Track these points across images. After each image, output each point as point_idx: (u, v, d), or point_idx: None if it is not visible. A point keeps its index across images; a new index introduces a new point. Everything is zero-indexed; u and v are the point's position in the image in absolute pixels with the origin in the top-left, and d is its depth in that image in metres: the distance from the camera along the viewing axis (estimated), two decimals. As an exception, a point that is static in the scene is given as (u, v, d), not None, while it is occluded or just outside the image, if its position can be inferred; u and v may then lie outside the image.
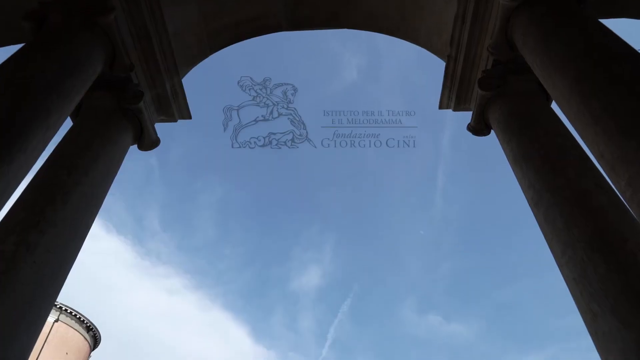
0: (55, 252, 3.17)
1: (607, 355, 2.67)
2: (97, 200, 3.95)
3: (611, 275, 2.80)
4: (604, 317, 2.73)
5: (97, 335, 53.16)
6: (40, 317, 2.89)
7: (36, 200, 3.60)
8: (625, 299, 2.70)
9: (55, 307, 47.25)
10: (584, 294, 2.88)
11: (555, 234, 3.24)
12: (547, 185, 3.47)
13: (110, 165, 4.44)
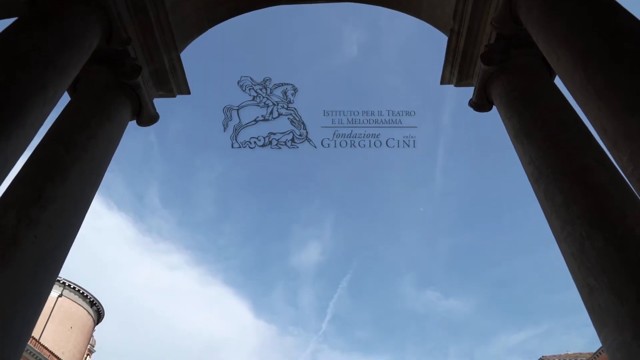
0: (57, 227, 3.18)
1: (603, 328, 2.71)
2: (96, 176, 3.95)
3: (609, 250, 2.81)
4: (600, 291, 2.76)
5: (100, 309, 54.03)
6: (43, 290, 2.93)
7: (35, 176, 3.60)
8: (622, 273, 2.72)
9: (59, 283, 47.85)
10: (581, 268, 2.91)
11: (555, 210, 3.24)
12: (548, 161, 3.45)
13: (109, 141, 4.41)
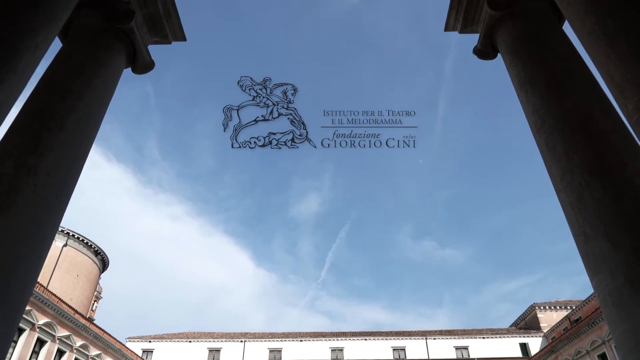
0: (56, 175, 3.18)
1: (596, 274, 2.77)
2: (93, 124, 3.90)
3: (606, 199, 2.83)
4: (596, 239, 2.80)
5: (105, 258, 55.37)
6: (46, 237, 2.96)
7: (32, 124, 3.55)
8: (618, 222, 2.75)
9: (63, 233, 48.70)
10: (578, 217, 2.94)
11: (555, 160, 3.23)
12: (551, 110, 3.39)
13: (104, 89, 4.31)
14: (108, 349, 36.20)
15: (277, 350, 52.25)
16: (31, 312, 26.98)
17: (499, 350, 49.95)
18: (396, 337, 52.91)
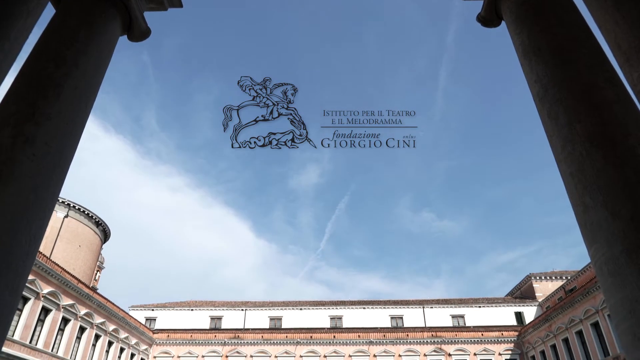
0: (54, 144, 3.16)
1: (593, 243, 2.80)
2: (90, 92, 3.84)
3: (607, 169, 2.82)
4: (595, 209, 2.81)
5: (106, 229, 55.85)
6: (46, 206, 2.96)
7: (27, 93, 3.50)
8: (618, 192, 2.75)
9: (64, 204, 48.95)
10: (578, 187, 2.94)
11: (557, 129, 3.20)
12: (555, 79, 3.33)
13: (100, 56, 4.22)
14: (112, 317, 36.98)
15: (277, 318, 53.39)
16: (35, 282, 27.43)
17: (495, 319, 51.06)
18: (394, 306, 53.99)
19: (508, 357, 42.94)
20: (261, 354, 43.42)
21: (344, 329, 47.80)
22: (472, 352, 43.03)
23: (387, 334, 44.70)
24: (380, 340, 43.70)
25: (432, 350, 43.14)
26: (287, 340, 43.92)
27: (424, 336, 43.92)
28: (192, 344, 44.34)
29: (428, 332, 44.57)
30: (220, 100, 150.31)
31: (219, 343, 44.18)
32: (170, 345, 44.57)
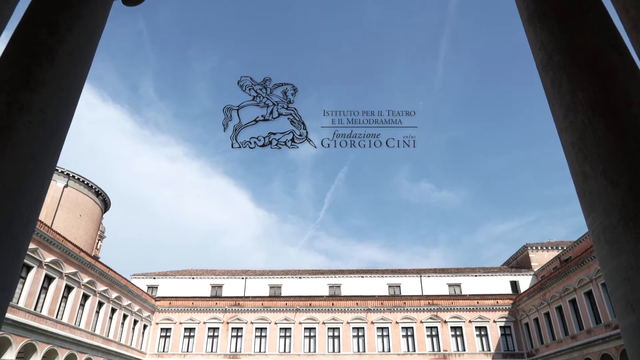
0: (50, 112, 3.12)
1: (591, 212, 2.81)
2: (85, 58, 3.76)
3: (608, 138, 2.80)
4: (594, 177, 2.80)
5: (106, 199, 56.09)
6: (45, 174, 2.95)
7: (20, 58, 3.43)
8: (618, 161, 2.74)
9: (63, 174, 48.97)
10: (578, 156, 2.93)
11: (560, 98, 3.16)
12: (560, 45, 3.26)
13: (95, 21, 4.11)
14: (114, 285, 37.63)
15: (276, 286, 54.36)
16: (37, 250, 27.76)
17: (490, 288, 52.05)
18: (392, 275, 54.92)
19: (502, 324, 44.03)
20: (261, 320, 44.46)
21: (342, 297, 48.77)
22: (467, 320, 44.08)
23: (385, 301, 45.65)
24: (378, 307, 44.68)
25: (429, 318, 44.18)
26: (286, 308, 44.89)
27: (420, 304, 44.87)
28: (193, 311, 45.33)
29: (425, 300, 45.51)
30: (218, 68, 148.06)
31: (220, 310, 45.16)
32: (172, 312, 45.57)
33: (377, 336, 43.65)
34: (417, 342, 43.22)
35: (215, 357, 43.02)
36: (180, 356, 43.45)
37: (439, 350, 43.01)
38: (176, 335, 44.46)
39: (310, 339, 43.87)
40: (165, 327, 45.03)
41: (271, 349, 43.26)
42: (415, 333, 43.57)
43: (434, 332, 43.78)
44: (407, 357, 42.61)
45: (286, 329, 44.23)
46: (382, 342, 43.58)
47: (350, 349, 43.13)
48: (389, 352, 42.91)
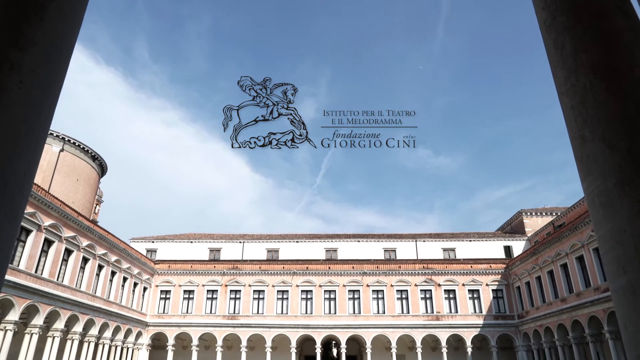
0: (41, 71, 3.04)
1: (587, 176, 2.81)
2: (75, 15, 3.63)
3: (609, 101, 2.77)
4: (592, 142, 2.79)
5: (103, 163, 55.90)
6: (39, 136, 2.91)
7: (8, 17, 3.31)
8: (618, 125, 2.72)
9: (58, 138, 48.57)
10: (578, 120, 2.90)
11: (562, 60, 3.10)
12: (564, 5, 3.17)
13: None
14: (113, 249, 38.07)
15: (274, 250, 55.14)
16: (36, 214, 27.89)
17: (484, 252, 52.98)
18: (387, 239, 55.69)
19: (495, 287, 45.14)
20: (259, 283, 45.38)
21: (338, 260, 49.66)
22: (460, 283, 45.13)
23: (380, 265, 46.54)
24: (374, 271, 45.60)
25: (423, 281, 45.19)
26: (283, 271, 45.75)
27: (415, 268, 45.79)
28: (192, 274, 46.16)
29: (419, 264, 46.41)
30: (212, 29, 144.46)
31: (218, 273, 45.99)
32: (172, 275, 46.40)
33: (372, 299, 44.77)
34: (412, 304, 44.39)
35: (214, 318, 44.17)
36: (181, 317, 44.59)
37: (432, 312, 44.25)
38: (176, 297, 45.46)
39: (307, 301, 44.97)
40: (165, 290, 45.97)
41: (269, 311, 44.39)
42: (410, 296, 44.68)
43: (428, 295, 44.90)
44: (401, 318, 43.88)
45: (283, 291, 45.24)
46: (377, 305, 44.74)
47: (345, 310, 44.31)
48: (384, 314, 44.14)
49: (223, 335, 43.32)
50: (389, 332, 43.16)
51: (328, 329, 43.42)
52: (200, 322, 43.87)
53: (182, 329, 43.88)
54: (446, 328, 43.36)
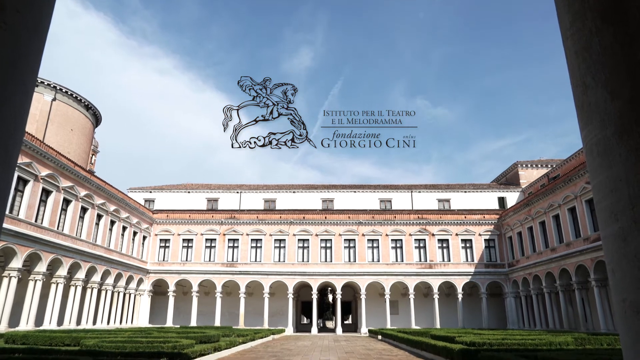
0: (26, 12, 2.90)
1: (587, 125, 2.78)
2: (57, -49, 3.44)
3: (615, 47, 2.69)
4: (595, 89, 2.74)
5: (96, 113, 55.09)
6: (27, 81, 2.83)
7: (-13, -49, 3.13)
8: (622, 71, 2.66)
9: (50, 87, 47.56)
10: (581, 66, 2.83)
11: (569, 4, 2.97)
12: (574, -55, 3.01)
13: None
14: (111, 199, 38.34)
15: (271, 200, 55.67)
16: (32, 164, 27.82)
17: (479, 203, 53.72)
18: (383, 190, 56.19)
19: (487, 237, 46.18)
20: (256, 232, 46.22)
21: (335, 210, 50.36)
22: (454, 233, 46.11)
23: (376, 215, 47.28)
24: (369, 221, 46.38)
25: (417, 231, 46.12)
26: (281, 221, 46.47)
27: (410, 218, 46.57)
28: (190, 224, 46.86)
29: (414, 215, 47.18)
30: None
31: (216, 223, 46.69)
32: (170, 225, 47.09)
33: (367, 247, 45.87)
34: (406, 253, 45.57)
35: (213, 266, 45.35)
36: (180, 264, 45.74)
37: (425, 260, 45.53)
38: (175, 246, 46.41)
39: (304, 249, 46.04)
40: (164, 239, 46.82)
41: (266, 259, 45.53)
42: (404, 245, 45.77)
43: (422, 244, 46.00)
44: (395, 266, 45.19)
45: (281, 240, 46.20)
46: (372, 253, 45.91)
47: (341, 259, 45.51)
48: (378, 262, 45.39)
49: (222, 282, 44.67)
50: (383, 279, 44.59)
51: (324, 276, 44.80)
52: (199, 270, 45.08)
53: (182, 276, 45.16)
54: (438, 276, 44.80)
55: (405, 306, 45.48)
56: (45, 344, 17.09)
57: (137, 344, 14.55)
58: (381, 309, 44.81)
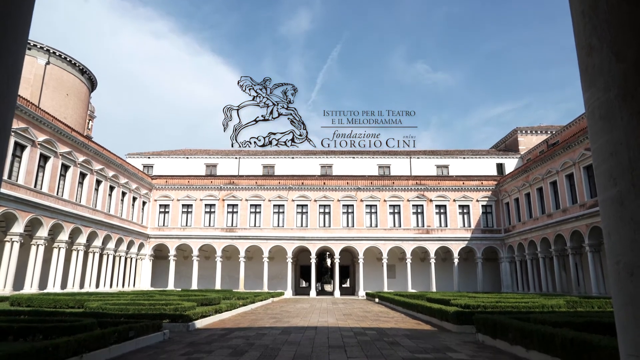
0: (12, -33, 2.79)
1: (590, 87, 2.74)
2: None
3: (622, 6, 2.61)
4: (600, 50, 2.67)
5: (92, 77, 54.21)
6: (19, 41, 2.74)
7: None
8: (628, 31, 2.59)
9: (43, 50, 46.60)
10: (587, 27, 2.75)
11: (577, -40, 2.87)
12: None
13: None
14: (110, 164, 38.29)
15: (270, 166, 55.66)
16: (28, 130, 27.60)
17: (477, 170, 53.80)
18: (382, 156, 56.10)
19: (485, 203, 46.53)
20: (255, 197, 46.47)
21: (333, 176, 50.47)
22: (451, 199, 46.42)
23: (374, 181, 47.45)
24: (367, 186, 46.58)
25: (415, 197, 46.40)
26: (279, 186, 46.65)
27: (408, 184, 46.76)
28: (189, 189, 47.03)
29: (412, 180, 47.35)
30: None
31: (215, 188, 46.86)
32: (169, 190, 47.27)
33: (365, 213, 46.28)
34: (403, 218, 46.03)
35: (213, 231, 45.85)
36: (180, 229, 46.22)
37: (422, 226, 46.06)
38: (175, 211, 46.75)
39: (303, 215, 46.45)
40: (164, 204, 47.10)
41: (266, 224, 45.99)
42: (402, 210, 46.17)
43: (420, 209, 46.39)
44: (392, 231, 45.75)
45: (279, 205, 46.52)
46: (370, 219, 46.37)
47: (340, 224, 45.99)
48: (376, 227, 45.91)
49: (222, 247, 45.30)
50: (381, 244, 45.23)
51: (322, 241, 45.40)
52: (199, 235, 45.60)
53: (182, 241, 45.73)
54: (435, 241, 45.44)
55: (402, 270, 46.36)
56: (50, 306, 17.49)
57: (140, 306, 14.89)
58: (378, 273, 45.70)
